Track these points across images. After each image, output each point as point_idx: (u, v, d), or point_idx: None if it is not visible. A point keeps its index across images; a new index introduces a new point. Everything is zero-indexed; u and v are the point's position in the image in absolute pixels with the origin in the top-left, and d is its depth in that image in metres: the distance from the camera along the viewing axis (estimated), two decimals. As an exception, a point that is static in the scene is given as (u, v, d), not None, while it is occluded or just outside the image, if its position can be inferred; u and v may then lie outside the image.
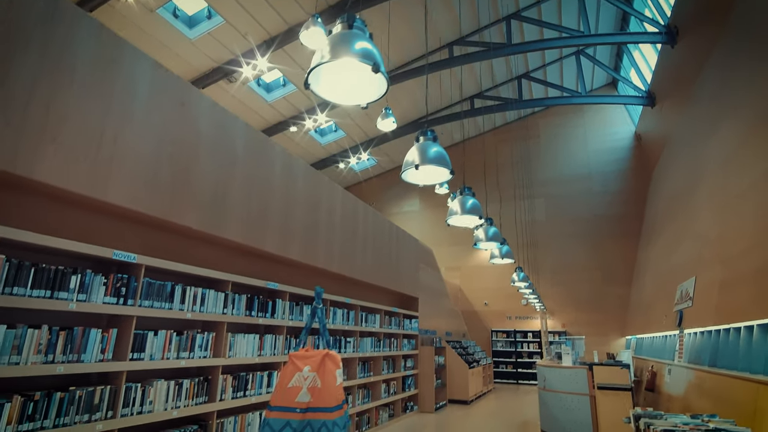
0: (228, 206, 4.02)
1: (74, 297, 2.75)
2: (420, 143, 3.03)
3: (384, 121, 7.42)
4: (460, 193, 4.08)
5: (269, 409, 2.10)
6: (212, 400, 3.71)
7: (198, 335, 3.65)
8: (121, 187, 3.06)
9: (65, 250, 2.71)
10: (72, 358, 2.72)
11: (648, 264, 11.58)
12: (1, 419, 2.36)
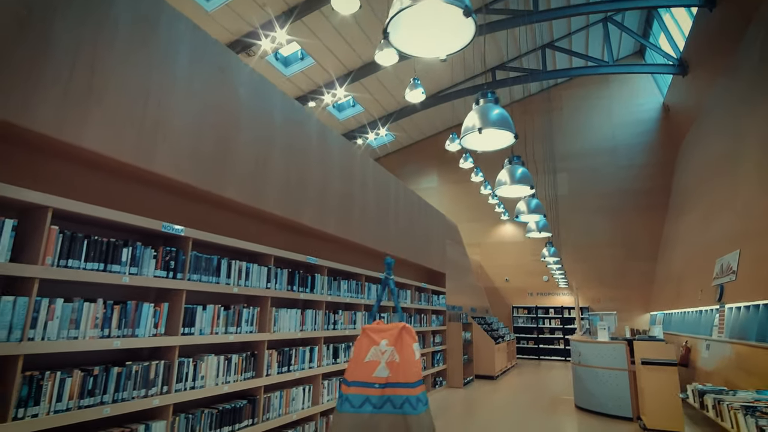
0: (267, 178, 3.88)
1: (126, 270, 2.66)
2: (480, 106, 2.84)
3: (413, 92, 7.17)
4: (509, 162, 3.88)
5: (346, 384, 2.00)
6: (259, 376, 3.65)
7: (244, 310, 3.57)
8: (166, 156, 2.93)
9: (116, 221, 2.60)
10: (127, 333, 2.64)
11: (677, 238, 11.30)
12: (63, 394, 2.29)
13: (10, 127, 2.19)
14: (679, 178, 12.75)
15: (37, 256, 2.21)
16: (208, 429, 3.13)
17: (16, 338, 2.10)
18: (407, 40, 1.81)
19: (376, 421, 1.87)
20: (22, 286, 2.19)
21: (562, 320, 14.30)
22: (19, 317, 2.12)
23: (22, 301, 2.14)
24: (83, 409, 2.36)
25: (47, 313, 2.25)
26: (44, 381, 2.21)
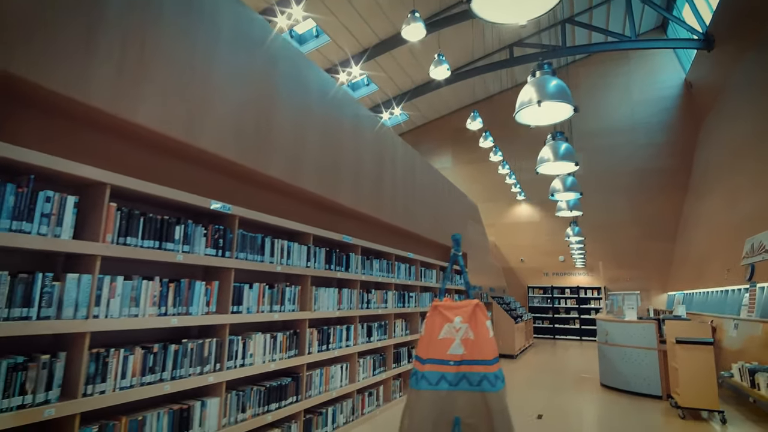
0: (306, 156, 3.82)
1: (180, 248, 2.63)
2: (537, 78, 2.74)
3: (437, 69, 7.01)
4: (552, 138, 3.78)
5: (421, 361, 1.97)
6: (301, 354, 3.66)
7: (287, 288, 3.55)
8: (212, 133, 2.88)
9: (170, 199, 2.56)
10: (181, 311, 2.63)
11: (699, 218, 11.15)
12: (127, 371, 2.29)
13: (68, 102, 2.13)
14: (701, 157, 12.52)
15: (97, 233, 2.18)
16: (257, 406, 3.15)
17: (82, 316, 2.09)
18: (490, 6, 1.71)
19: (453, 398, 1.85)
20: (85, 263, 2.17)
21: (578, 300, 14.28)
22: (84, 295, 2.11)
23: (86, 279, 2.12)
24: (145, 386, 2.36)
25: (109, 290, 2.23)
26: (109, 358, 2.21)
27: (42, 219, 1.97)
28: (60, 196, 2.05)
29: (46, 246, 1.96)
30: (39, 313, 1.94)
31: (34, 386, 1.91)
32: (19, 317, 1.88)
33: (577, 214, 5.95)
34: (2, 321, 1.82)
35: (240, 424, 2.95)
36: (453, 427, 1.79)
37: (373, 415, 4.71)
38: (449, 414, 1.82)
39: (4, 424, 1.78)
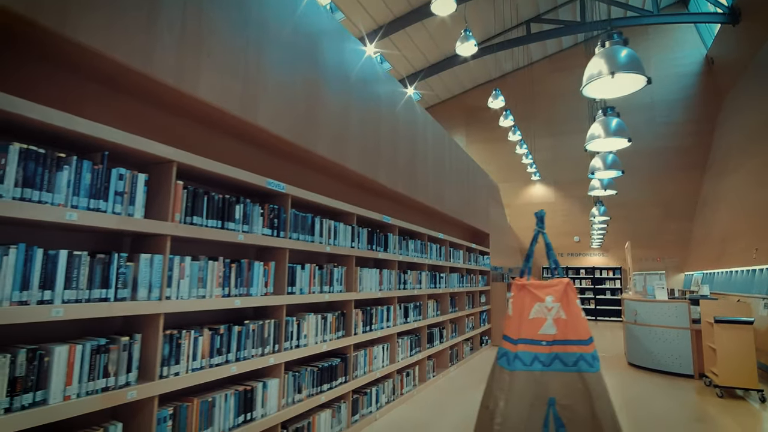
0: (348, 134, 3.72)
1: (240, 228, 2.57)
2: (607, 48, 2.61)
3: (464, 45, 6.82)
4: (603, 113, 3.66)
5: (512, 342, 1.92)
6: (348, 334, 3.63)
7: (334, 269, 3.50)
8: (266, 110, 2.78)
9: (231, 177, 2.49)
10: (242, 292, 2.58)
11: (720, 197, 11.00)
12: (197, 353, 2.25)
13: (131, 75, 2.04)
14: (722, 136, 12.30)
15: (166, 212, 2.11)
16: (311, 386, 3.13)
17: (155, 297, 2.04)
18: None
19: (547, 379, 1.81)
20: (155, 243, 2.11)
21: (593, 281, 14.26)
22: (157, 275, 2.05)
23: (158, 259, 2.07)
24: (213, 368, 2.33)
25: (179, 271, 2.18)
26: (182, 340, 2.17)
27: (116, 197, 1.91)
28: (131, 174, 1.98)
29: (121, 225, 1.89)
30: (116, 295, 1.89)
31: (116, 368, 1.87)
32: (98, 299, 1.83)
33: (611, 193, 5.84)
34: (85, 303, 1.77)
35: (297, 404, 2.93)
36: (548, 407, 1.75)
37: (411, 395, 4.71)
38: (544, 395, 1.78)
39: (92, 407, 1.75)
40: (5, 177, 1.55)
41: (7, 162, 1.56)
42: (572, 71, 15.39)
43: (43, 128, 1.69)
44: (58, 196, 1.70)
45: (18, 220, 1.62)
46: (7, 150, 1.56)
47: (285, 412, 2.80)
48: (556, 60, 15.70)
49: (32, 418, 1.56)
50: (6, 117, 1.57)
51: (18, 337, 1.78)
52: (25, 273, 1.59)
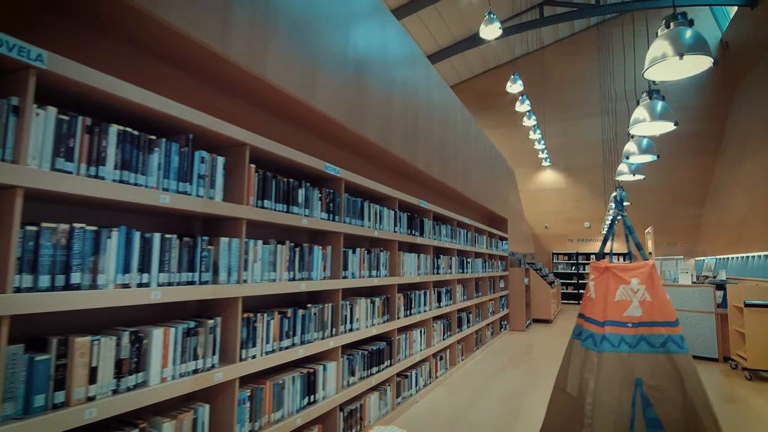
0: (392, 119, 3.69)
1: (303, 212, 2.56)
2: (671, 30, 2.57)
3: (488, 28, 6.73)
4: (649, 97, 3.63)
5: (598, 324, 1.93)
6: (393, 318, 3.65)
7: (381, 253, 3.50)
8: (323, 94, 2.75)
9: (295, 162, 2.47)
10: (305, 276, 2.59)
11: (736, 182, 10.98)
12: (270, 336, 2.27)
13: (204, 56, 2.01)
14: (737, 120, 12.22)
15: (241, 195, 2.10)
16: (362, 369, 3.16)
17: (234, 280, 2.04)
18: None
19: (633, 360, 1.82)
20: (231, 226, 2.11)
21: (603, 266, 14.30)
22: (234, 259, 2.05)
23: (235, 243, 2.06)
24: (283, 351, 2.34)
25: (253, 255, 2.18)
26: (257, 323, 2.18)
27: (199, 180, 1.89)
28: (211, 157, 1.96)
29: (206, 208, 1.89)
30: (200, 278, 1.89)
31: (204, 351, 1.88)
32: (186, 282, 1.83)
33: (639, 178, 5.82)
34: (176, 285, 1.77)
35: (351, 387, 2.96)
36: (634, 388, 1.77)
37: (445, 378, 4.76)
38: (630, 375, 1.80)
39: (186, 388, 1.76)
40: (107, 159, 1.54)
41: (108, 144, 1.54)
42: (584, 56, 15.24)
43: (136, 110, 1.67)
44: (151, 178, 1.68)
45: (116, 203, 1.61)
46: (107, 131, 1.54)
47: (342, 394, 2.83)
48: (567, 44, 15.53)
49: (137, 400, 1.57)
50: (105, 98, 1.55)
51: (108, 320, 1.78)
52: (126, 256, 1.59)
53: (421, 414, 3.70)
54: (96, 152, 1.51)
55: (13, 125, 1.30)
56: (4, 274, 1.25)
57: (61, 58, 1.37)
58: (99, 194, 1.47)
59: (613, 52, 14.84)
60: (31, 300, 1.29)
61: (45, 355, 1.36)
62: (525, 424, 3.46)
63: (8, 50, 1.25)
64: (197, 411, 1.85)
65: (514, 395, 4.25)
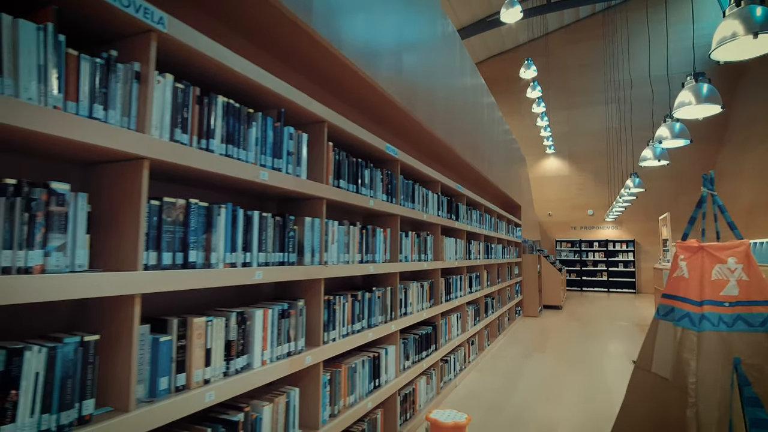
0: (435, 100, 3.62)
1: (369, 193, 2.50)
2: (741, 8, 2.52)
3: (509, 11, 6.63)
4: (695, 79, 3.59)
5: (694, 303, 1.91)
6: (437, 303, 3.62)
7: (428, 237, 3.46)
8: (386, 73, 2.68)
9: (363, 141, 2.40)
10: (369, 258, 2.53)
11: (742, 169, 11.08)
12: (345, 318, 2.22)
13: (290, 26, 1.93)
14: (742, 109, 12.28)
15: (321, 174, 2.04)
16: (414, 353, 3.13)
17: (317, 261, 1.99)
18: None
19: (731, 339, 1.81)
20: (312, 206, 2.04)
21: (606, 253, 14.43)
22: (316, 239, 1.99)
23: (317, 223, 2.00)
24: (356, 334, 2.30)
25: (330, 236, 2.12)
26: (336, 305, 2.13)
27: (288, 157, 1.82)
28: (297, 134, 1.89)
29: (296, 186, 1.82)
30: (288, 258, 1.83)
31: (295, 333, 1.83)
32: (278, 262, 1.77)
33: (664, 164, 5.81)
34: (272, 266, 1.71)
35: (407, 371, 2.93)
36: (733, 367, 1.75)
37: (477, 363, 4.76)
38: (729, 355, 1.78)
39: (283, 371, 1.71)
40: (215, 132, 1.46)
41: (216, 116, 1.47)
42: (588, 42, 15.17)
43: (234, 81, 1.59)
44: (250, 153, 1.61)
45: (223, 178, 1.53)
46: (216, 102, 1.47)
47: (401, 378, 2.80)
48: (572, 31, 15.43)
49: (246, 382, 1.52)
50: (210, 67, 1.47)
51: (199, 302, 1.72)
52: (233, 234, 1.52)
53: (464, 398, 3.69)
54: (206, 124, 1.43)
55: (136, 93, 1.22)
56: (134, 251, 1.18)
57: (178, 22, 1.29)
58: (212, 168, 1.40)
59: (618, 39, 14.78)
60: (160, 278, 1.23)
61: (167, 336, 1.30)
62: (572, 407, 3.47)
63: (135, 11, 1.17)
64: (289, 394, 1.80)
65: (549, 379, 4.26)
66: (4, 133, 0.97)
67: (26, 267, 0.97)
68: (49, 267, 1.01)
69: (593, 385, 4.09)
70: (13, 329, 1.18)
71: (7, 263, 0.94)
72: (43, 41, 1.00)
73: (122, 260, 1.19)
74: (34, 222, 0.99)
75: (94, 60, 1.12)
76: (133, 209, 1.19)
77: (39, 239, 1.00)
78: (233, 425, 1.50)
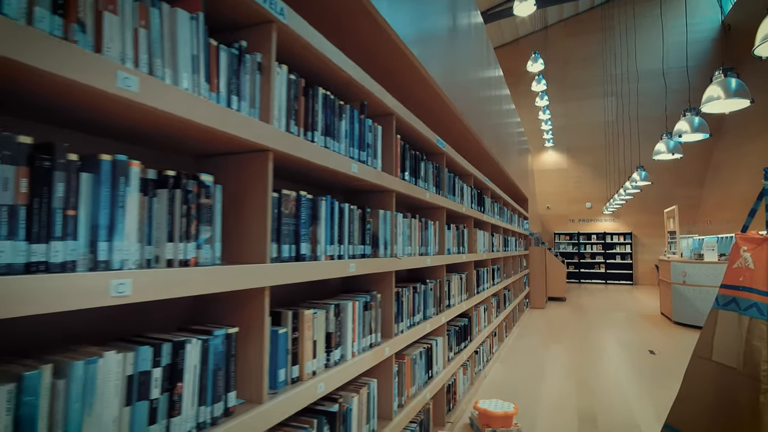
0: (469, 92, 3.63)
1: (424, 186, 2.51)
2: (789, 3, 2.56)
3: (522, 4, 6.64)
4: (724, 74, 3.65)
5: (761, 293, 1.95)
6: (471, 295, 3.65)
7: (464, 230, 3.48)
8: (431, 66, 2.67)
9: (421, 134, 2.40)
10: (423, 251, 2.54)
11: (740, 162, 11.28)
12: (408, 310, 2.23)
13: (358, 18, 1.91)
14: (739, 102, 12.47)
15: (391, 166, 2.04)
16: (455, 345, 3.16)
17: (388, 254, 1.99)
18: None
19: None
20: (383, 198, 2.04)
21: (604, 245, 14.63)
22: (387, 232, 2.00)
23: (388, 216, 2.00)
24: (416, 326, 2.32)
25: (397, 228, 2.12)
26: (403, 297, 2.14)
27: (368, 149, 1.82)
28: (374, 126, 1.88)
29: (377, 179, 1.82)
30: (366, 251, 1.83)
31: (374, 325, 1.84)
32: (361, 255, 1.77)
33: (677, 157, 5.91)
34: (358, 258, 1.71)
35: (451, 363, 2.96)
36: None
37: (499, 354, 4.82)
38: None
39: (370, 363, 1.72)
40: (318, 124, 1.46)
41: (318, 108, 1.46)
42: (587, 36, 15.26)
43: (326, 72, 1.58)
44: (341, 146, 1.61)
45: (322, 170, 1.53)
46: (318, 94, 1.46)
47: (448, 369, 2.83)
48: (571, 24, 15.50)
49: (343, 375, 1.53)
50: (312, 58, 1.46)
51: (291, 294, 1.72)
52: (331, 227, 1.52)
53: (495, 388, 3.74)
54: (311, 116, 1.42)
55: (258, 84, 1.21)
56: (263, 243, 1.18)
57: (294, 14, 1.28)
58: (319, 161, 1.40)
59: (616, 32, 14.89)
60: (283, 270, 1.23)
61: (283, 329, 1.30)
62: (604, 396, 3.54)
63: (262, 0, 1.15)
64: (369, 385, 1.81)
65: (573, 369, 4.33)
66: (167, 123, 0.96)
67: (185, 259, 0.96)
68: (200, 260, 1.01)
69: (618, 374, 4.16)
70: (141, 324, 1.17)
71: (171, 255, 0.93)
72: (195, 31, 0.99)
73: (250, 253, 1.18)
74: (190, 214, 0.98)
75: (230, 50, 1.11)
76: (259, 201, 1.19)
77: (193, 231, 0.99)
78: (332, 416, 1.51)
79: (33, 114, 0.90)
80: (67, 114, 0.90)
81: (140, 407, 0.86)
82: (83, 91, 0.75)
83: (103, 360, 0.79)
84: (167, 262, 0.93)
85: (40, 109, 0.87)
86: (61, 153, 0.73)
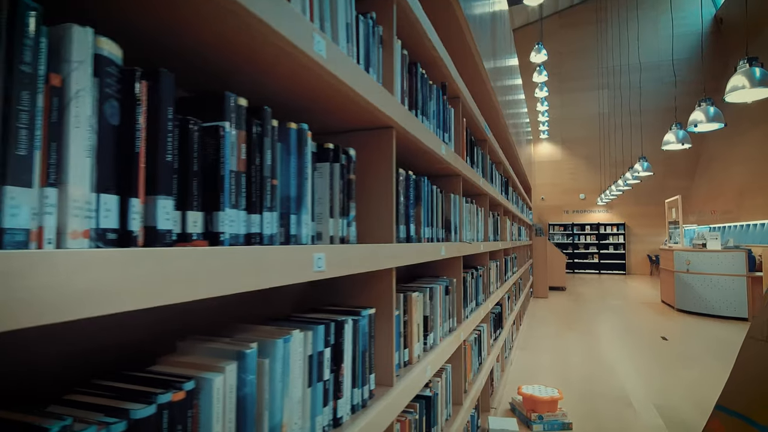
0: (497, 78, 3.61)
1: (478, 171, 2.49)
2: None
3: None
4: (749, 64, 3.69)
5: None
6: (502, 282, 3.65)
7: (498, 218, 3.48)
8: (481, 49, 2.64)
9: (476, 118, 2.37)
10: (478, 237, 2.53)
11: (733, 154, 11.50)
12: (469, 296, 2.22)
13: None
14: (730, 95, 12.71)
15: (459, 150, 2.01)
16: (492, 331, 3.16)
17: (457, 239, 1.97)
18: None
19: None
20: (451, 182, 2.02)
21: (597, 236, 14.85)
22: (456, 216, 1.97)
23: (457, 200, 1.98)
24: (474, 312, 2.30)
25: (462, 212, 2.10)
26: (468, 283, 2.12)
27: (449, 132, 1.79)
28: (449, 108, 1.85)
29: (455, 162, 1.79)
30: (439, 234, 1.81)
31: (452, 309, 1.82)
32: (442, 238, 1.74)
33: (687, 147, 5.99)
34: (438, 242, 1.69)
35: (493, 349, 2.96)
36: None
37: (518, 341, 4.86)
38: None
39: (452, 348, 1.70)
40: (419, 102, 1.42)
41: (419, 87, 1.42)
42: (582, 27, 15.34)
43: (423, 51, 1.54)
44: (431, 126, 1.57)
45: (420, 149, 1.49)
46: (418, 73, 1.42)
47: (493, 355, 2.83)
48: (566, 15, 15.57)
49: (440, 358, 1.51)
50: (418, 36, 1.42)
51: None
52: (429, 209, 1.49)
53: (525, 374, 3.77)
54: (415, 95, 1.39)
55: (381, 58, 1.17)
56: (389, 223, 1.15)
57: (409, -14, 1.23)
58: (425, 140, 1.36)
59: (610, 25, 15.00)
60: (405, 251, 1.19)
61: (397, 311, 1.27)
62: (630, 379, 3.59)
63: (391, -29, 1.11)
64: (446, 370, 1.80)
65: (593, 355, 4.39)
66: (332, 93, 0.91)
67: (342, 237, 0.93)
68: (350, 238, 0.97)
69: (639, 359, 4.24)
70: (264, 304, 1.13)
71: (332, 232, 0.90)
72: (349, -3, 0.95)
73: (378, 232, 1.15)
74: (345, 189, 0.94)
75: (367, 21, 1.06)
76: (385, 180, 1.15)
77: (347, 208, 0.95)
78: (429, 401, 1.49)
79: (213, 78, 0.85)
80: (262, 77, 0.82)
81: (318, 388, 0.83)
82: (288, 55, 0.70)
83: (294, 339, 0.76)
84: (330, 239, 0.89)
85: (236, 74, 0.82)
86: (267, 118, 0.69)
